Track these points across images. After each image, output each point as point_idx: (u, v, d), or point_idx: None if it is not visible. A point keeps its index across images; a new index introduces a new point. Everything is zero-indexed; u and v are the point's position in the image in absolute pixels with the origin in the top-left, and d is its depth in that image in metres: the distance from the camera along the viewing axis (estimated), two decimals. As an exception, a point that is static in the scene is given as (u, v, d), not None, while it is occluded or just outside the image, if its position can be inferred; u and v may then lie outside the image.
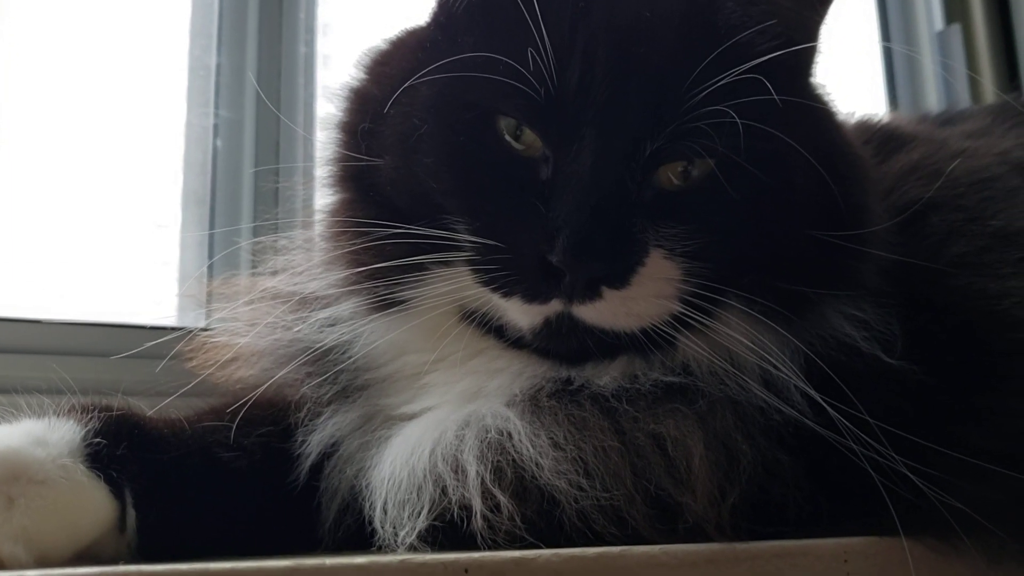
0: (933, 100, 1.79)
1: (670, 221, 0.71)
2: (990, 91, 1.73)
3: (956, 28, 1.81)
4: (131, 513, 0.65)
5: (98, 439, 0.66)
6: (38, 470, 0.61)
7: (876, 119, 1.04)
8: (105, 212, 1.25)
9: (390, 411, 0.79)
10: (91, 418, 0.67)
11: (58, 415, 0.67)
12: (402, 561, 0.55)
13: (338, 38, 1.47)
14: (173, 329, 0.91)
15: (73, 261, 1.22)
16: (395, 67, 0.80)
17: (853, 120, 1.01)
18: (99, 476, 0.64)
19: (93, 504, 0.64)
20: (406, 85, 0.75)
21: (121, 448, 0.66)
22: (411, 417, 0.78)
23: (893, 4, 1.84)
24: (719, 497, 0.67)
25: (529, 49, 0.70)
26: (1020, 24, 1.78)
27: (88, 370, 1.01)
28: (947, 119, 1.16)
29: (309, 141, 1.20)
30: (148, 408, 0.74)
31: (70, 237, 1.23)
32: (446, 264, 0.75)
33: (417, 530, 0.68)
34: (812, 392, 0.70)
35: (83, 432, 0.66)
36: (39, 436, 0.64)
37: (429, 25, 0.82)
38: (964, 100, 1.75)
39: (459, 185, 0.74)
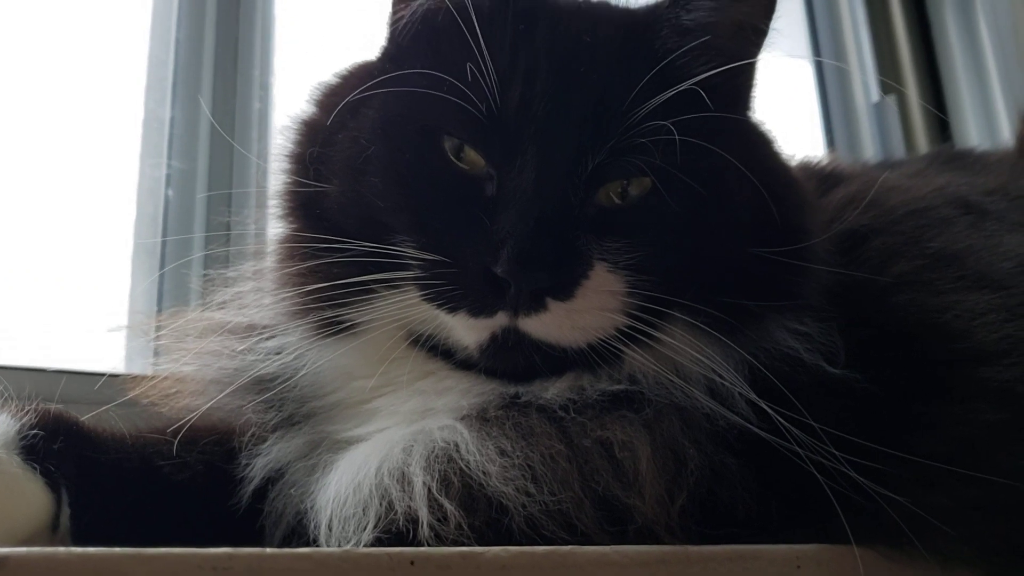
0: (873, 166, 1.85)
1: (613, 235, 0.72)
2: (926, 157, 1.80)
3: (892, 99, 1.90)
4: (65, 511, 0.63)
5: (34, 431, 0.64)
6: None
7: (816, 160, 1.08)
8: (57, 260, 1.24)
9: (336, 436, 0.78)
10: (27, 413, 0.65)
11: None
12: (345, 552, 0.53)
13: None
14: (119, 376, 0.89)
15: (23, 309, 1.20)
16: (343, 96, 0.82)
17: (794, 161, 1.04)
18: (35, 468, 0.62)
19: (28, 498, 0.61)
20: (352, 97, 0.77)
21: (58, 442, 0.64)
22: (358, 441, 0.76)
23: (831, 78, 1.93)
24: (668, 499, 0.66)
25: (470, 66, 0.72)
26: (950, 94, 1.87)
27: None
28: (885, 165, 1.20)
29: (262, 169, 1.20)
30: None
31: (21, 285, 1.21)
32: (392, 284, 0.75)
33: (363, 543, 0.66)
34: (755, 398, 0.70)
35: (18, 425, 0.64)
36: None
37: (379, 58, 0.84)
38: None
39: (406, 203, 0.75)
